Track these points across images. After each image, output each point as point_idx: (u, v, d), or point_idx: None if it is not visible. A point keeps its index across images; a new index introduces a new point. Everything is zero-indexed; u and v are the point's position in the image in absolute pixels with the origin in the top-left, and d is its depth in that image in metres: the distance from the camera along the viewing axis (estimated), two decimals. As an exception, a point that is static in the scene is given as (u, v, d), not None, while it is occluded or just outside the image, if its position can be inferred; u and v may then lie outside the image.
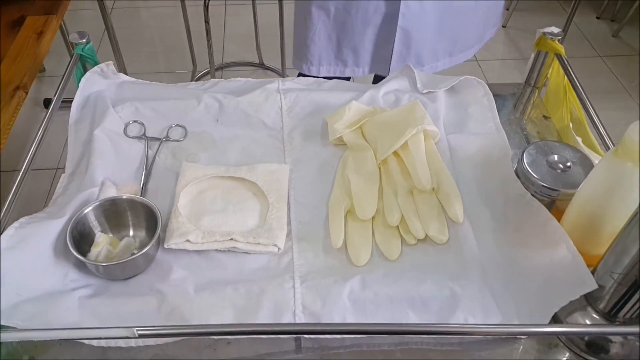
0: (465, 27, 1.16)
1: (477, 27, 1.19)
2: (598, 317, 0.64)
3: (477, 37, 1.21)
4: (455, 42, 1.17)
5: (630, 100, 2.28)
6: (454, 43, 1.17)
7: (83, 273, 0.69)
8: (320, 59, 1.15)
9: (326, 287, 0.67)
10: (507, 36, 2.56)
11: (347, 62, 1.16)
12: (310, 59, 1.15)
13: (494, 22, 1.26)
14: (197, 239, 0.71)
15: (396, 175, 0.79)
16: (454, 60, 1.21)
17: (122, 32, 2.34)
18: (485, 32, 1.24)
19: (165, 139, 0.87)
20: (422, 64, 1.17)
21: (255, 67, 2.37)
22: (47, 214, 0.72)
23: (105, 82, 0.94)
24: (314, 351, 0.65)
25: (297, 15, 1.14)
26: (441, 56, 1.18)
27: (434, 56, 1.17)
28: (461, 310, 0.65)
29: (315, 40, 1.12)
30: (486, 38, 1.26)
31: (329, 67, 1.17)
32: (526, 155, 0.75)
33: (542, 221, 0.70)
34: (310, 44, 1.13)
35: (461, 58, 1.22)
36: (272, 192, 0.78)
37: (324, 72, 1.17)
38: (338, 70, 1.17)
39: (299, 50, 1.17)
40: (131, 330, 0.56)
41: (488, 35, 1.26)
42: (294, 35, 1.18)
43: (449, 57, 1.20)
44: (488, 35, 1.26)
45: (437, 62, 1.19)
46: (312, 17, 1.09)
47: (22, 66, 0.98)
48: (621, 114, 2.10)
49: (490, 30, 1.25)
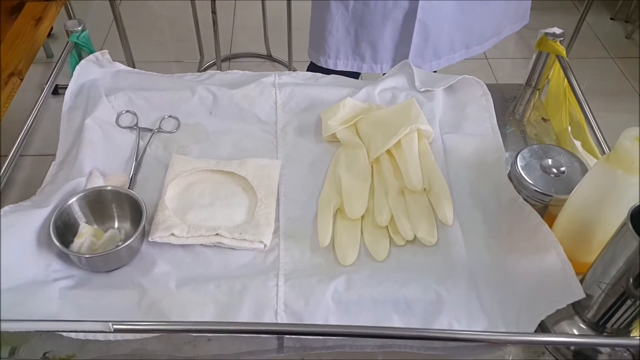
0: (482, 18, 1.14)
1: (495, 19, 1.17)
2: (585, 326, 0.62)
3: (493, 30, 1.19)
4: (471, 33, 1.16)
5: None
6: (470, 35, 1.16)
7: (66, 264, 0.68)
8: (337, 52, 1.14)
9: (310, 287, 0.66)
10: (518, 35, 2.52)
11: (365, 57, 1.14)
12: (327, 51, 1.14)
13: (516, 17, 1.23)
14: (182, 233, 0.70)
15: (388, 174, 0.78)
16: (470, 52, 1.19)
17: (132, 20, 2.34)
18: (505, 26, 1.22)
19: (157, 130, 0.86)
20: (439, 56, 1.15)
21: (263, 59, 2.36)
22: (33, 203, 0.72)
23: (100, 70, 0.93)
24: (296, 350, 0.64)
25: (315, 8, 1.13)
26: (458, 48, 1.17)
27: (450, 48, 1.16)
28: (446, 314, 0.64)
29: (333, 32, 1.11)
30: (505, 32, 1.23)
31: (346, 61, 1.15)
32: (520, 158, 0.73)
33: (533, 226, 0.69)
34: (328, 36, 1.12)
35: (477, 50, 1.20)
36: (261, 187, 0.77)
37: (341, 66, 1.16)
38: (355, 65, 1.15)
39: (316, 43, 1.15)
40: (107, 324, 0.55)
41: (508, 30, 1.23)
42: (311, 27, 1.17)
43: (465, 48, 1.18)
44: (508, 30, 1.23)
45: (454, 53, 1.17)
46: (330, 9, 1.08)
47: (19, 52, 0.98)
48: (630, 117, 2.07)
49: (510, 26, 1.23)
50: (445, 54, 1.16)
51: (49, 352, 0.63)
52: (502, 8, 1.15)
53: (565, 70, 0.89)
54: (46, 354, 0.62)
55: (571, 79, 0.88)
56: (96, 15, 2.44)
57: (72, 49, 0.93)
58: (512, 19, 1.22)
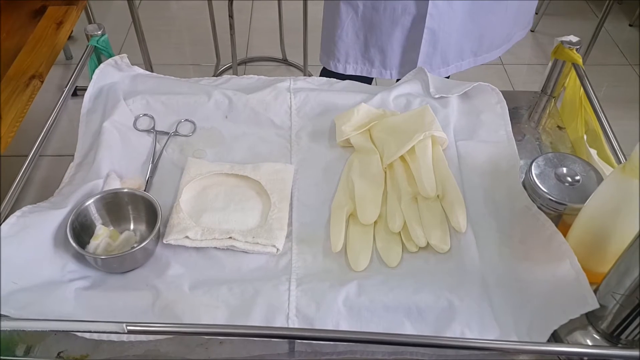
0: (492, 26, 1.13)
1: (505, 27, 1.16)
2: (599, 337, 0.62)
3: (503, 38, 1.19)
4: (481, 41, 1.15)
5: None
6: (479, 42, 1.15)
7: (82, 265, 0.69)
8: (347, 56, 1.14)
9: (321, 292, 0.66)
10: (535, 41, 2.51)
11: (374, 62, 1.14)
12: (337, 55, 1.14)
13: (524, 24, 1.23)
14: (196, 236, 0.71)
15: (401, 180, 0.78)
16: (479, 60, 1.19)
17: (150, 23, 2.36)
18: (514, 34, 1.21)
19: (173, 134, 0.87)
20: (447, 63, 1.15)
21: (279, 63, 2.37)
22: (51, 204, 0.73)
23: (119, 74, 0.94)
24: (307, 355, 0.64)
25: (326, 12, 1.14)
26: (466, 55, 1.16)
27: (459, 55, 1.16)
28: (458, 322, 0.64)
29: (342, 37, 1.11)
30: (514, 39, 1.23)
31: (355, 66, 1.16)
32: (534, 166, 0.73)
33: (547, 235, 0.68)
34: (338, 40, 1.12)
35: (486, 58, 1.19)
36: (275, 191, 0.77)
37: (351, 70, 1.16)
38: (365, 70, 1.16)
39: (327, 47, 1.16)
40: (121, 325, 0.56)
41: (517, 37, 1.23)
42: (322, 32, 1.17)
43: (474, 56, 1.18)
44: (517, 37, 1.23)
45: (462, 61, 1.17)
46: (340, 13, 1.08)
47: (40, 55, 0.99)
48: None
49: (519, 32, 1.23)
50: (453, 61, 1.16)
51: (63, 351, 0.63)
52: (512, 15, 1.14)
53: (581, 78, 0.89)
54: (60, 353, 0.63)
55: (587, 87, 0.87)
56: (115, 18, 2.46)
57: (92, 52, 0.94)
58: (520, 26, 1.21)
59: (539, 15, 2.52)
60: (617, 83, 2.30)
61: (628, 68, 2.41)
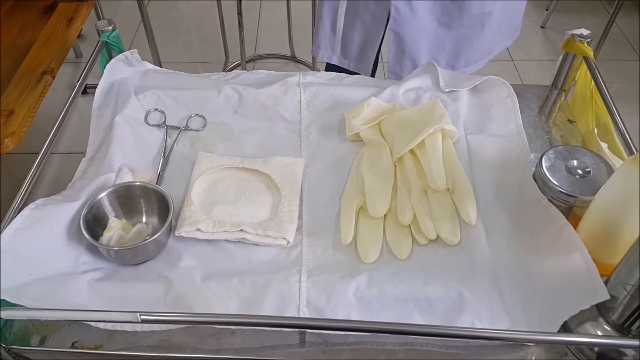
0: (470, 42, 1.08)
1: (483, 42, 1.10)
2: (610, 328, 0.62)
3: (483, 52, 1.13)
4: (457, 56, 1.10)
5: (671, 107, 2.20)
6: (455, 57, 1.11)
7: (95, 256, 0.70)
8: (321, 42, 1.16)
9: (332, 283, 0.67)
10: (545, 37, 2.50)
11: (336, 49, 1.15)
12: (317, 43, 1.16)
13: (509, 33, 1.17)
14: (207, 229, 0.71)
15: (411, 174, 0.78)
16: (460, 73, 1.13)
17: (159, 21, 2.37)
18: (495, 45, 1.15)
19: (184, 128, 0.88)
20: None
21: (287, 60, 2.37)
22: (64, 197, 0.74)
23: (129, 69, 0.95)
24: (318, 346, 0.65)
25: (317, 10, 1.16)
26: (442, 65, 1.11)
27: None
28: (468, 314, 0.64)
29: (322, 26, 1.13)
30: (496, 50, 1.16)
31: (324, 52, 1.17)
32: (545, 159, 0.73)
33: (557, 227, 0.68)
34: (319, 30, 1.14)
35: (465, 71, 1.14)
36: (285, 185, 0.78)
37: (326, 57, 1.17)
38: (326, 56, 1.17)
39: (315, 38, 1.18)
40: (135, 315, 0.56)
41: (500, 46, 1.16)
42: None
43: (451, 68, 1.12)
44: (500, 46, 1.16)
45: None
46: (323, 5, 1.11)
47: (51, 51, 1.00)
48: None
49: (502, 42, 1.16)
50: None
51: (77, 341, 0.64)
52: (492, 29, 1.08)
53: (592, 71, 0.88)
54: (75, 343, 0.64)
55: (598, 81, 0.87)
56: (124, 16, 2.48)
57: (103, 48, 0.95)
58: (504, 36, 1.15)
59: (549, 11, 2.51)
60: (628, 79, 2.28)
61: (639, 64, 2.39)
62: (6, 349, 0.63)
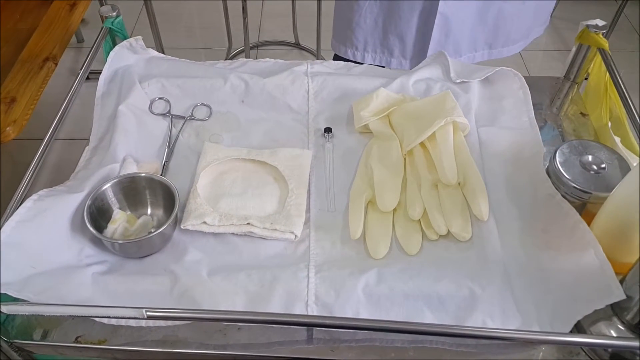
0: (510, 19, 1.10)
1: (522, 19, 1.12)
2: (624, 328, 0.61)
3: (522, 33, 1.15)
4: (496, 33, 1.12)
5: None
6: (494, 34, 1.12)
7: (99, 249, 0.69)
8: (366, 44, 1.12)
9: (341, 279, 0.66)
10: (551, 26, 2.47)
11: (394, 51, 1.11)
12: (355, 43, 1.12)
13: (542, 20, 1.19)
14: (213, 222, 0.70)
15: (421, 167, 0.77)
16: (494, 54, 1.16)
17: (161, 6, 2.34)
18: (532, 29, 1.18)
19: (189, 118, 0.86)
20: (459, 53, 1.12)
21: (291, 47, 2.34)
22: (67, 188, 0.72)
23: (133, 57, 0.93)
24: (325, 343, 0.64)
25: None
26: (480, 47, 1.14)
27: (472, 46, 1.13)
28: (479, 312, 0.63)
29: (360, 23, 1.08)
30: (532, 36, 1.19)
31: (374, 55, 1.13)
32: (559, 154, 0.71)
33: (571, 224, 0.67)
34: (356, 27, 1.09)
35: (502, 52, 1.16)
36: (292, 177, 0.76)
37: (369, 60, 1.13)
38: (384, 60, 1.13)
39: (342, 34, 1.13)
40: (140, 311, 0.55)
41: (535, 33, 1.19)
42: (335, 18, 1.14)
43: (488, 48, 1.15)
44: (535, 33, 1.19)
45: (475, 52, 1.14)
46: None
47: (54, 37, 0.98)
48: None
49: (537, 29, 1.19)
50: (466, 52, 1.13)
51: (81, 336, 0.63)
52: (530, 7, 1.10)
53: (607, 64, 0.86)
54: (78, 338, 0.63)
55: (614, 73, 0.85)
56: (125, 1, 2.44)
57: (107, 34, 0.93)
58: (539, 21, 1.17)
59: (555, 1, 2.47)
60: (636, 70, 2.26)
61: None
62: (8, 342, 0.61)
